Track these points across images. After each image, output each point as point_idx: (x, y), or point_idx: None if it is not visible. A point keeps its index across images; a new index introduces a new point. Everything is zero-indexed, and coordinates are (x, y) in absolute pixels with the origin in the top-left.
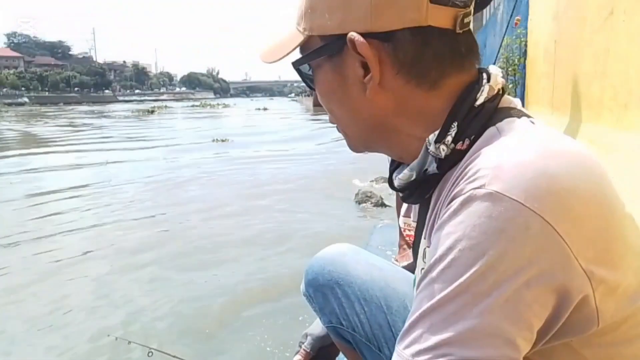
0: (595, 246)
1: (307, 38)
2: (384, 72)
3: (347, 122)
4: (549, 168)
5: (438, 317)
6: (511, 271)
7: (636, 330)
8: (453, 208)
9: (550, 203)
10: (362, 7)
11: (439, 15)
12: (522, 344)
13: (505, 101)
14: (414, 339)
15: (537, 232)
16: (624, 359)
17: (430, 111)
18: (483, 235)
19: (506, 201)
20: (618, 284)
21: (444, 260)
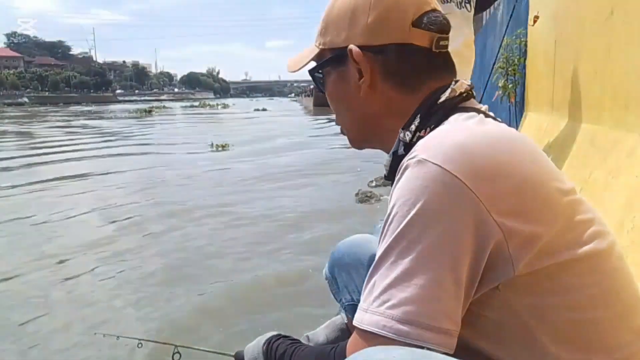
0: (506, 202)
1: (320, 51)
2: (374, 77)
3: (347, 121)
4: (465, 141)
5: (384, 266)
6: (435, 219)
7: (562, 282)
8: (397, 177)
9: (463, 166)
10: (361, 27)
11: (419, 36)
12: (450, 285)
13: (470, 102)
14: (369, 290)
15: (452, 188)
16: (551, 309)
17: (408, 111)
18: (412, 192)
19: (429, 165)
20: (534, 237)
21: (388, 218)
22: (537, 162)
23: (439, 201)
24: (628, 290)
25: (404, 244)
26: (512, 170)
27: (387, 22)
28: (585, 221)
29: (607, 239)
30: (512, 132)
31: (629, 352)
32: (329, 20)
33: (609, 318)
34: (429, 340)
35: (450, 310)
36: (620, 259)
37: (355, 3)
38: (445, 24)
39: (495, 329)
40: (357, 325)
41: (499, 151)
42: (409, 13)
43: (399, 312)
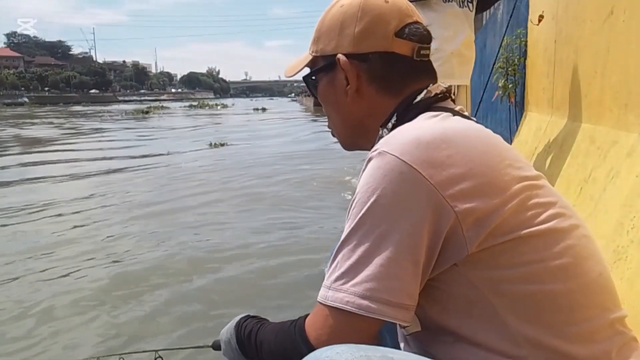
0: (458, 186)
1: (314, 58)
2: (360, 83)
3: (337, 124)
4: (420, 135)
5: (347, 247)
6: (393, 204)
7: (518, 256)
8: (362, 168)
9: (418, 157)
10: (348, 36)
11: (401, 45)
12: (408, 264)
13: (445, 102)
14: (332, 269)
15: (408, 176)
16: (508, 282)
17: (390, 112)
18: (373, 180)
19: (387, 156)
20: (486, 218)
21: (352, 203)
22: (491, 152)
23: (397, 188)
24: (592, 267)
25: (365, 227)
26: (462, 159)
27: (372, 33)
28: (544, 204)
29: (569, 221)
30: (471, 126)
31: (592, 326)
32: (321, 29)
33: (569, 291)
34: (387, 314)
35: (408, 287)
36: (584, 238)
37: (344, 15)
38: (426, 35)
39: (459, 304)
40: (322, 302)
41: (452, 142)
42: (392, 25)
43: (361, 289)
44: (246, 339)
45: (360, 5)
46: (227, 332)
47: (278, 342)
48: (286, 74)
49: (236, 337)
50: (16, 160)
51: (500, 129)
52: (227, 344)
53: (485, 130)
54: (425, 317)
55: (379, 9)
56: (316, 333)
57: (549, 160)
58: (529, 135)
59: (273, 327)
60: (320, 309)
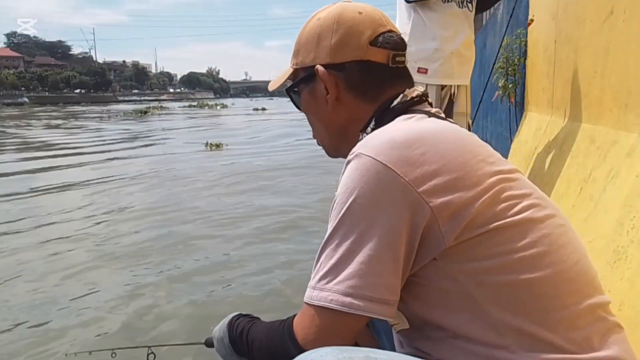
0: (432, 182)
1: (294, 71)
2: (339, 91)
3: (320, 131)
4: (394, 136)
5: (329, 247)
6: (370, 203)
7: (493, 247)
8: (342, 170)
9: (392, 156)
10: (326, 48)
11: (376, 53)
12: (388, 261)
13: (422, 105)
14: (317, 270)
15: (384, 175)
16: (486, 272)
17: (369, 117)
18: (351, 181)
19: (363, 157)
20: (461, 211)
21: (333, 205)
22: (463, 148)
23: (373, 187)
24: (569, 255)
25: (345, 227)
26: (435, 156)
27: (347, 43)
28: (518, 195)
29: (544, 211)
30: (444, 125)
31: (572, 313)
32: (300, 43)
33: (546, 279)
34: (370, 310)
35: (389, 283)
36: (560, 227)
37: (321, 27)
38: (400, 42)
39: (441, 298)
40: (308, 301)
41: (425, 141)
42: (366, 34)
43: (344, 287)
44: (238, 338)
45: (336, 18)
46: (220, 330)
47: (268, 341)
48: (270, 87)
49: (229, 335)
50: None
51: (500, 129)
52: (219, 341)
53: (459, 129)
54: (410, 313)
55: (353, 20)
56: (304, 332)
57: (549, 160)
58: (529, 135)
59: (264, 327)
60: (306, 308)
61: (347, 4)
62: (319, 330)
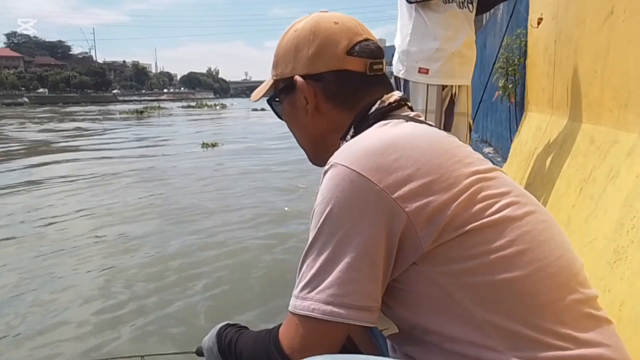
0: (407, 188)
1: (275, 82)
2: (318, 101)
3: (302, 141)
4: (368, 145)
5: (310, 257)
6: (346, 212)
7: (471, 249)
8: (320, 181)
9: (366, 164)
10: (303, 58)
11: (353, 62)
12: (366, 268)
13: (401, 110)
14: (299, 280)
15: (358, 184)
16: (465, 274)
17: (348, 125)
18: (327, 191)
19: (339, 167)
20: (437, 214)
21: (312, 216)
22: (438, 151)
23: (348, 196)
24: (551, 250)
25: (324, 236)
26: (409, 160)
27: (324, 53)
28: (496, 194)
29: (524, 209)
30: (420, 129)
31: (557, 309)
32: (278, 54)
33: (528, 277)
34: (351, 317)
35: (369, 290)
36: (541, 223)
37: (298, 39)
38: (376, 50)
39: (425, 302)
40: (292, 311)
41: (399, 147)
42: (342, 44)
43: (324, 296)
44: (227, 348)
45: (312, 29)
46: (209, 340)
47: (255, 352)
48: (252, 99)
49: (218, 345)
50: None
51: (500, 129)
52: (209, 351)
53: (436, 132)
54: (396, 318)
55: (329, 30)
56: (288, 342)
57: (549, 160)
58: (529, 135)
59: (251, 336)
60: (290, 318)
61: (323, 15)
62: (304, 339)
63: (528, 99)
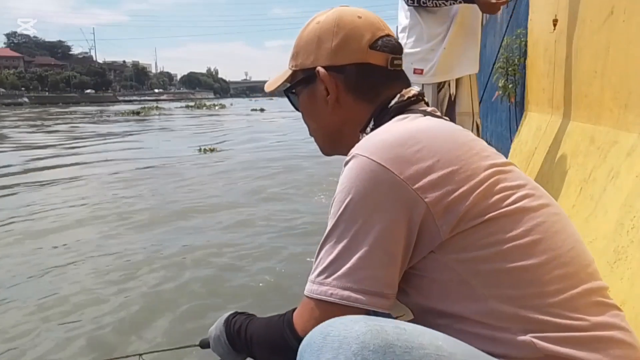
0: (426, 178)
1: (293, 72)
2: (339, 93)
3: (317, 132)
4: (388, 137)
5: (328, 244)
6: (366, 201)
7: (487, 239)
8: (341, 172)
9: (386, 155)
10: (326, 50)
11: (375, 56)
12: (384, 256)
13: (419, 105)
14: (316, 265)
15: (379, 174)
16: (481, 261)
17: (367, 118)
18: (347, 181)
19: (360, 158)
20: (455, 205)
21: (332, 204)
22: (457, 143)
23: (369, 186)
24: (563, 241)
25: (343, 224)
26: (429, 152)
27: (347, 46)
28: (513, 187)
29: (538, 201)
30: (439, 123)
31: (567, 297)
32: (299, 45)
33: (541, 265)
34: (368, 302)
35: (386, 277)
36: (554, 216)
37: (321, 30)
38: (397, 46)
39: (441, 288)
40: (308, 295)
41: (419, 139)
42: (366, 38)
43: (343, 281)
44: (236, 334)
45: (336, 21)
46: (216, 329)
47: (268, 335)
48: (266, 89)
49: (226, 332)
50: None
51: (500, 129)
52: (216, 340)
53: (453, 126)
54: (412, 304)
55: (353, 23)
56: (303, 325)
57: (549, 160)
58: (529, 135)
59: (262, 321)
60: (306, 302)
61: (346, 8)
62: (319, 322)
63: (528, 99)
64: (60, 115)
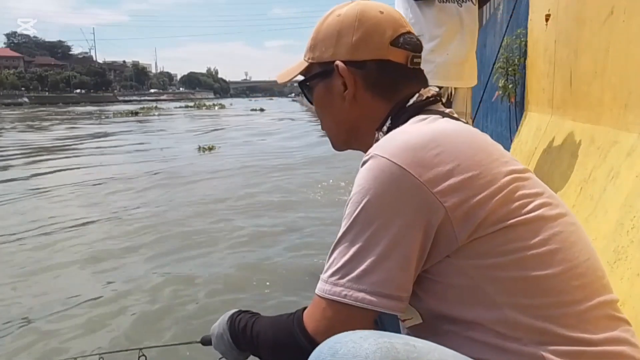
0: (446, 183)
1: (309, 65)
2: (357, 89)
3: (331, 126)
4: (408, 139)
5: (343, 245)
6: (383, 203)
7: (505, 246)
8: (358, 170)
9: (406, 158)
10: (346, 44)
11: (396, 54)
12: (399, 258)
13: (436, 106)
14: (330, 265)
15: (398, 176)
16: (498, 268)
17: (384, 115)
18: (365, 182)
19: (379, 159)
20: (474, 210)
21: (348, 203)
22: (477, 148)
23: (388, 188)
24: (579, 253)
25: (359, 225)
26: (449, 156)
27: (368, 41)
28: (531, 194)
29: (556, 210)
30: (458, 126)
31: (581, 309)
32: (317, 38)
33: (557, 275)
34: (381, 305)
35: (400, 280)
36: (571, 226)
37: (342, 24)
38: (418, 44)
39: (455, 293)
40: (320, 295)
41: (439, 143)
42: (387, 34)
43: (356, 283)
44: (241, 332)
45: (357, 15)
46: (219, 327)
47: (275, 334)
48: (279, 80)
49: (230, 330)
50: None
51: (500, 129)
52: (219, 337)
53: (473, 130)
54: (424, 308)
55: (375, 18)
56: (314, 324)
57: (549, 160)
58: (529, 135)
59: (269, 320)
60: (318, 301)
61: (368, 3)
62: (330, 323)
63: (528, 99)
64: (57, 115)
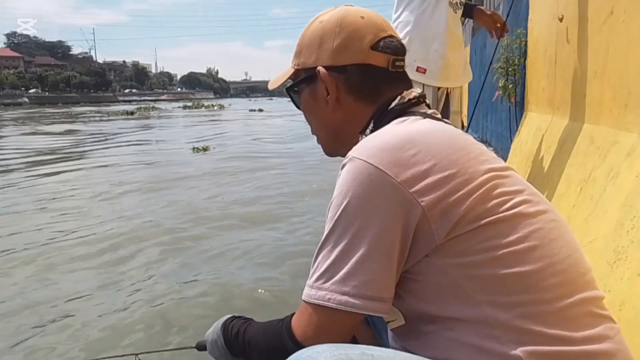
0: (423, 182)
1: (295, 71)
2: (339, 93)
3: (319, 131)
4: (386, 140)
5: (326, 248)
6: (363, 205)
7: (483, 244)
8: (338, 174)
9: (383, 159)
10: (327, 50)
11: (377, 58)
12: (381, 260)
13: (419, 107)
14: (314, 270)
15: (375, 177)
16: (477, 266)
17: (368, 119)
18: (344, 184)
19: (356, 161)
20: (452, 209)
21: (329, 208)
22: (455, 147)
23: (366, 189)
24: (560, 249)
25: (340, 228)
26: (426, 156)
27: (349, 46)
28: (510, 192)
29: (536, 207)
30: (437, 126)
31: (563, 306)
32: (302, 44)
33: (536, 272)
34: (365, 307)
35: (383, 281)
36: (552, 222)
37: (323, 30)
38: (400, 48)
39: (434, 292)
40: (306, 300)
41: (416, 143)
42: (368, 38)
43: (340, 286)
44: (234, 338)
45: (338, 21)
46: (214, 333)
47: (266, 340)
48: (269, 86)
49: (223, 336)
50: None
51: (500, 129)
52: (213, 344)
53: (453, 129)
54: (405, 308)
55: (355, 24)
56: (302, 330)
57: (549, 160)
58: (529, 135)
59: (260, 326)
60: (304, 307)
61: (350, 8)
62: (317, 328)
63: (528, 99)
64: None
